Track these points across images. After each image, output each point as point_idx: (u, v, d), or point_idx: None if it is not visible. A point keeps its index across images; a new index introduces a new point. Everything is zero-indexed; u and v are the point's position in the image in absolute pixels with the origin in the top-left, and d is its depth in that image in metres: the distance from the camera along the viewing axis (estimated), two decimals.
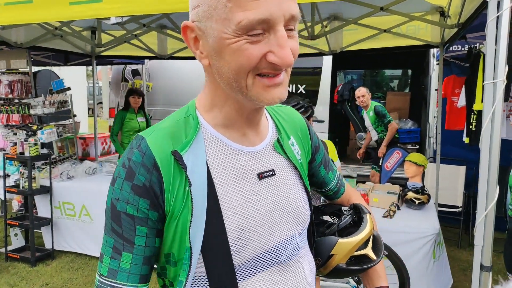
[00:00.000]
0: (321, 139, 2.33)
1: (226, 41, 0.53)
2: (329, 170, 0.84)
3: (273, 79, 0.55)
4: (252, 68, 0.54)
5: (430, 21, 2.68)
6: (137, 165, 0.57)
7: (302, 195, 0.70)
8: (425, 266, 2.26)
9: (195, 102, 0.66)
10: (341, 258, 0.74)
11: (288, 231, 0.66)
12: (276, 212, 0.64)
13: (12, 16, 1.92)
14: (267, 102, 0.56)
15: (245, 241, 0.60)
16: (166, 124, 0.62)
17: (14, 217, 3.39)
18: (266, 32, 0.53)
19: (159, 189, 0.57)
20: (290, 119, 0.76)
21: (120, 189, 0.57)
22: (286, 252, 0.65)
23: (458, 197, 3.55)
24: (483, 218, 1.49)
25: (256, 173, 0.63)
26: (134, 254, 0.57)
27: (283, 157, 0.69)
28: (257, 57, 0.53)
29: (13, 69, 3.58)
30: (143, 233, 0.57)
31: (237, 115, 0.62)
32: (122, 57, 4.44)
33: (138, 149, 0.58)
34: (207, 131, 0.63)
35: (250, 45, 0.52)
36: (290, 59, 0.53)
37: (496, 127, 1.45)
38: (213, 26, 0.54)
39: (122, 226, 0.57)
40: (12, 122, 3.61)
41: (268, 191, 0.64)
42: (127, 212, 0.57)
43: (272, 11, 0.51)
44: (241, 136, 0.64)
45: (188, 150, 0.59)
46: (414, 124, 4.86)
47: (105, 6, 1.86)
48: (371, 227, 0.76)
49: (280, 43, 0.52)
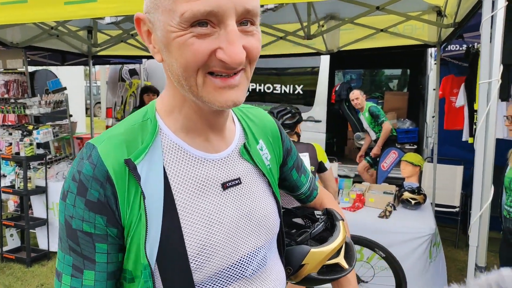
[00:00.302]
0: (309, 142, 2.34)
1: (172, 34, 0.48)
2: (302, 173, 0.81)
3: (227, 79, 0.50)
4: (200, 65, 0.49)
5: (427, 21, 2.68)
6: (89, 178, 0.51)
7: (270, 203, 0.66)
8: (421, 267, 2.26)
9: (155, 104, 0.60)
10: (313, 267, 0.72)
11: (254, 243, 0.62)
12: (241, 224, 0.60)
13: (7, 16, 1.91)
14: (219, 105, 0.51)
15: (207, 256, 0.55)
16: (120, 130, 0.56)
17: (10, 218, 3.38)
18: (216, 26, 0.48)
19: (115, 203, 0.52)
20: (260, 121, 0.71)
21: (73, 206, 0.52)
22: (252, 266, 0.61)
23: (455, 197, 3.54)
24: (477, 218, 1.49)
25: (220, 182, 0.59)
26: (96, 271, 0.53)
27: (250, 163, 0.64)
28: (204, 53, 0.48)
29: (9, 69, 3.56)
30: (104, 250, 0.53)
31: (197, 117, 0.57)
32: (119, 56, 4.43)
33: (89, 160, 0.52)
34: (167, 137, 0.57)
35: (197, 39, 0.48)
36: (240, 57, 0.48)
37: (491, 127, 1.44)
38: (160, 18, 0.50)
39: (80, 245, 0.52)
40: (8, 122, 3.60)
41: (233, 201, 0.60)
42: (84, 230, 0.52)
43: (220, 2, 0.46)
44: (204, 141, 0.59)
45: (143, 159, 0.54)
46: (412, 124, 4.86)
47: (99, 5, 1.85)
48: (343, 235, 0.74)
49: (230, 39, 0.47)
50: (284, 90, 4.78)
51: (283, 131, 0.77)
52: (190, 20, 0.47)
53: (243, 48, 0.49)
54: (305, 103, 4.66)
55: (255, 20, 0.51)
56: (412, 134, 4.65)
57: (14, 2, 1.88)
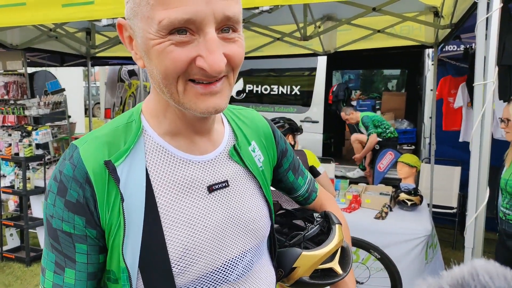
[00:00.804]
0: (299, 149, 2.33)
1: (151, 42, 0.48)
2: (299, 175, 0.80)
3: (208, 86, 0.50)
4: (180, 73, 0.48)
5: (423, 22, 2.69)
6: (68, 179, 0.51)
7: (260, 206, 0.65)
8: (417, 268, 2.26)
9: (141, 106, 0.60)
10: (305, 271, 0.70)
11: (240, 247, 0.61)
12: (227, 228, 0.59)
13: (5, 18, 1.92)
14: (200, 112, 0.51)
15: (190, 260, 0.54)
16: (103, 131, 0.56)
17: (10, 218, 3.39)
18: (196, 34, 0.47)
19: (93, 205, 0.52)
20: (252, 123, 0.70)
21: (53, 205, 0.52)
22: (236, 270, 0.60)
23: (453, 198, 3.55)
24: (473, 220, 1.49)
25: (205, 185, 0.58)
26: (77, 271, 0.53)
27: (240, 165, 0.63)
28: (184, 61, 0.47)
29: (8, 70, 3.57)
30: (84, 251, 0.53)
31: (182, 122, 0.57)
32: (118, 58, 4.44)
33: (70, 160, 0.53)
34: (151, 139, 0.56)
35: (176, 47, 0.47)
36: (219, 65, 0.47)
37: (486, 128, 1.45)
38: (139, 25, 0.49)
39: (60, 244, 0.53)
40: (8, 123, 3.61)
41: (219, 205, 0.59)
42: (63, 230, 0.52)
43: (197, 10, 0.45)
44: (189, 143, 0.58)
45: (124, 161, 0.53)
46: (410, 125, 4.87)
47: (97, 8, 1.86)
48: (339, 240, 0.72)
49: (209, 47, 0.47)
50: (282, 91, 4.78)
51: (277, 132, 0.75)
52: (168, 28, 0.46)
53: (223, 56, 0.48)
54: (302, 104, 4.67)
55: (237, 26, 0.50)
56: (410, 135, 4.66)
57: (12, 4, 1.89)
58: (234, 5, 0.49)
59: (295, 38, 3.07)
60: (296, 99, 4.72)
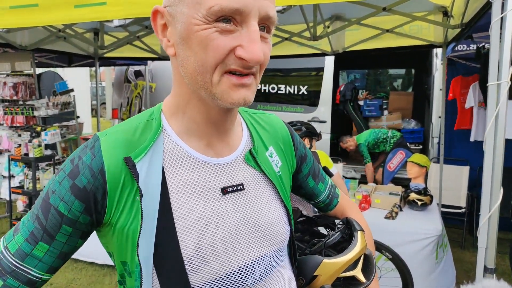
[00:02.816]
0: (314, 151, 2.32)
1: (195, 27, 0.49)
2: (319, 181, 0.79)
3: (242, 78, 0.51)
4: (219, 62, 0.50)
5: (433, 21, 2.67)
6: (85, 166, 0.53)
7: (277, 210, 0.64)
8: (428, 268, 2.25)
9: (161, 105, 0.61)
10: (326, 279, 0.68)
11: (258, 251, 0.60)
12: (242, 230, 0.59)
13: (18, 20, 1.94)
14: (231, 102, 0.52)
15: (202, 259, 0.55)
16: (125, 126, 0.58)
17: (19, 218, 3.42)
18: (239, 25, 0.49)
19: (101, 196, 0.53)
20: (271, 128, 0.70)
21: (60, 183, 0.53)
22: (253, 275, 0.59)
23: (461, 197, 3.53)
24: (487, 220, 1.48)
25: (219, 187, 0.58)
26: (51, 247, 0.54)
27: (256, 170, 0.63)
28: (225, 49, 0.49)
29: (17, 71, 3.61)
30: (67, 232, 0.54)
31: (201, 118, 0.57)
32: (125, 58, 4.46)
33: (91, 150, 0.54)
34: (169, 138, 0.58)
35: (219, 35, 0.49)
36: (260, 55, 0.49)
37: (500, 129, 1.44)
38: (184, 10, 0.50)
39: (47, 220, 0.53)
40: (17, 124, 3.64)
41: (234, 207, 0.59)
42: (58, 208, 0.53)
43: (247, 2, 0.48)
44: (206, 146, 0.59)
45: (143, 158, 0.55)
46: (417, 124, 4.84)
47: (109, 8, 1.87)
48: (361, 247, 0.70)
49: (252, 37, 0.49)
50: (289, 90, 4.78)
51: (296, 137, 0.75)
52: (217, 14, 0.48)
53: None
54: (310, 104, 4.67)
55: (271, 28, 0.53)
56: (417, 135, 4.64)
57: (25, 5, 1.90)
58: (274, 8, 0.52)
59: (305, 38, 3.07)
60: (303, 99, 4.72)
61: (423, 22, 2.88)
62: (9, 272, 0.53)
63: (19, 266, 0.53)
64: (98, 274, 3.03)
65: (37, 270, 0.54)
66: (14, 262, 0.53)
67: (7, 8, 1.90)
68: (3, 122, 3.65)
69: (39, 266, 0.54)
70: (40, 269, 0.54)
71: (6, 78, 3.60)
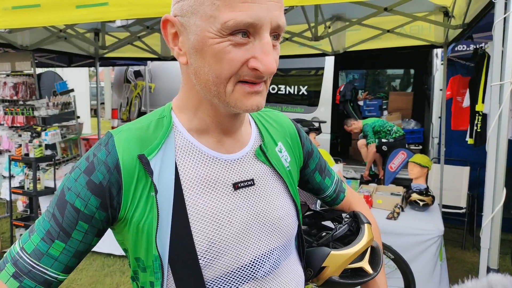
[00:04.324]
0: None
1: (209, 40, 0.50)
2: (326, 175, 0.80)
3: (254, 86, 0.53)
4: (233, 74, 0.51)
5: (434, 22, 2.68)
6: (100, 162, 0.54)
7: (286, 205, 0.66)
8: (431, 268, 2.26)
9: (171, 104, 0.63)
10: (334, 270, 0.70)
11: (267, 245, 0.62)
12: (253, 225, 0.60)
13: (20, 20, 1.93)
14: (244, 109, 0.54)
15: (216, 254, 0.56)
16: (137, 124, 0.59)
17: (20, 218, 3.41)
18: (251, 36, 0.51)
19: (117, 191, 0.54)
20: (278, 124, 0.72)
21: (75, 180, 0.54)
22: (263, 268, 0.61)
23: (462, 198, 3.54)
24: (489, 221, 1.49)
25: (231, 183, 0.59)
26: (67, 245, 0.54)
27: (267, 165, 0.65)
28: (239, 61, 0.51)
29: (17, 71, 3.60)
30: (84, 229, 0.54)
31: (212, 121, 0.59)
32: (125, 58, 4.46)
33: (106, 147, 0.56)
34: (180, 134, 0.59)
35: (233, 48, 0.50)
36: (273, 66, 0.51)
37: (503, 129, 1.44)
38: (197, 23, 0.51)
39: (64, 216, 0.54)
40: (17, 124, 3.63)
41: (245, 202, 0.60)
42: (74, 204, 0.53)
43: (260, 15, 0.49)
44: (217, 142, 0.60)
45: (156, 155, 0.56)
46: (417, 124, 4.85)
47: (110, 9, 1.87)
48: (368, 239, 0.71)
49: (265, 49, 0.50)
50: (289, 90, 4.78)
51: (303, 133, 0.76)
52: (232, 29, 0.49)
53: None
54: (310, 104, 4.67)
55: (281, 35, 0.54)
56: (417, 135, 4.65)
57: (27, 6, 1.90)
58: (283, 15, 0.53)
59: (306, 38, 3.07)
60: (303, 99, 4.72)
61: (423, 22, 2.89)
62: (26, 273, 0.53)
63: (35, 266, 0.53)
64: (99, 275, 3.03)
65: (53, 269, 0.54)
66: (31, 262, 0.54)
67: (9, 9, 1.90)
68: (4, 122, 3.64)
69: (55, 266, 0.54)
70: (56, 269, 0.54)
71: (6, 78, 3.59)
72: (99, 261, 3.24)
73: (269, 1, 0.50)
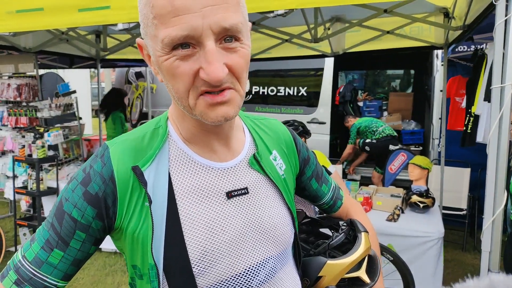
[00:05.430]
0: (311, 150, 2.35)
1: (159, 58, 0.51)
2: (322, 183, 0.80)
3: (216, 96, 0.51)
4: (189, 87, 0.51)
5: (435, 23, 2.68)
6: (96, 173, 0.56)
7: (281, 213, 0.66)
8: (431, 270, 2.26)
9: (167, 113, 0.64)
10: (331, 280, 0.69)
11: (262, 254, 0.62)
12: (247, 233, 0.60)
13: (24, 23, 1.95)
14: (210, 121, 0.53)
15: (209, 262, 0.57)
16: (133, 135, 0.60)
17: (23, 217, 3.44)
18: (197, 47, 0.50)
19: (112, 201, 0.55)
20: (273, 132, 0.71)
21: (73, 191, 0.56)
22: (259, 276, 0.61)
23: (462, 199, 3.54)
24: (490, 223, 1.49)
25: (224, 191, 0.60)
26: (65, 254, 0.56)
27: (261, 173, 0.65)
28: (190, 74, 0.50)
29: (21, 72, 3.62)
30: (81, 238, 0.56)
31: (198, 131, 0.60)
32: (126, 60, 4.47)
33: (101, 159, 0.57)
34: (175, 144, 0.60)
35: (180, 61, 0.50)
36: (218, 75, 0.49)
37: (504, 132, 1.45)
38: (149, 43, 0.53)
39: (62, 226, 0.55)
40: (20, 125, 3.65)
41: (238, 211, 0.60)
42: (72, 215, 0.55)
43: (194, 25, 0.48)
44: (210, 151, 0.61)
45: (150, 165, 0.57)
46: (417, 125, 4.84)
47: (113, 12, 1.88)
48: (365, 248, 0.71)
49: (208, 58, 0.49)
50: (288, 92, 4.78)
51: (299, 140, 0.76)
52: (170, 45, 0.49)
53: (224, 66, 0.50)
54: (309, 105, 4.67)
55: (239, 36, 0.51)
56: (417, 136, 4.64)
57: (31, 10, 1.91)
58: (233, 15, 0.50)
59: (305, 40, 3.07)
60: (302, 100, 4.72)
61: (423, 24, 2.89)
62: (27, 280, 0.55)
63: (36, 274, 0.55)
64: (101, 274, 3.04)
65: (52, 277, 0.55)
66: (32, 270, 0.55)
67: (13, 12, 1.91)
68: (7, 123, 3.66)
69: (54, 273, 0.55)
70: (56, 276, 0.56)
71: (10, 79, 3.61)
72: (100, 261, 3.26)
73: (204, 7, 0.48)
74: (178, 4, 0.47)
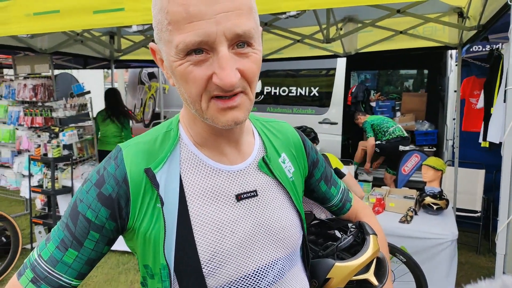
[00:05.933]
0: (322, 153, 2.34)
1: (173, 63, 0.52)
2: (332, 185, 0.81)
3: (227, 101, 0.53)
4: (202, 91, 0.52)
5: (448, 23, 2.64)
6: (109, 175, 0.57)
7: (290, 215, 0.67)
8: (445, 272, 2.23)
9: (179, 116, 0.65)
10: (339, 282, 0.70)
11: (271, 255, 0.63)
12: (256, 235, 0.61)
13: (41, 25, 2.01)
14: (221, 125, 0.54)
15: (219, 263, 0.58)
16: (145, 138, 0.62)
17: (38, 216, 3.53)
18: (210, 52, 0.51)
19: (125, 202, 0.57)
20: (282, 135, 0.72)
21: (87, 192, 0.57)
22: (267, 278, 0.62)
23: (477, 201, 3.47)
24: (505, 226, 1.46)
25: (234, 194, 0.61)
26: (80, 253, 0.57)
27: (270, 176, 0.66)
28: (202, 79, 0.51)
29: (36, 73, 3.72)
30: (95, 238, 0.57)
31: (209, 134, 0.61)
32: (139, 61, 4.54)
33: (115, 161, 0.59)
34: (186, 147, 0.61)
35: (194, 67, 0.51)
36: (231, 80, 0.50)
37: None
38: (163, 48, 0.54)
39: (76, 226, 0.57)
40: (36, 124, 3.75)
41: (248, 213, 0.62)
42: (86, 215, 0.56)
43: (208, 32, 0.49)
44: (219, 154, 0.62)
45: (162, 168, 0.59)
46: (431, 126, 4.76)
47: (127, 14, 1.91)
48: (373, 250, 0.71)
49: (221, 64, 0.50)
50: (300, 92, 4.77)
51: (308, 143, 0.77)
52: (184, 50, 0.50)
53: (237, 71, 0.51)
54: (321, 105, 4.65)
55: (251, 41, 0.52)
56: (431, 136, 4.57)
57: (47, 12, 1.97)
58: (246, 22, 0.51)
59: (317, 40, 3.06)
60: (314, 100, 4.70)
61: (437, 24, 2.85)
62: (43, 278, 0.57)
63: (51, 273, 0.57)
64: (114, 272, 3.10)
65: (67, 276, 0.57)
66: (47, 269, 0.57)
67: (31, 15, 1.97)
68: (23, 123, 3.76)
69: (69, 272, 0.57)
70: (70, 275, 0.57)
71: (26, 80, 3.71)
72: (114, 259, 3.32)
73: (217, 13, 0.48)
74: (192, 10, 0.48)
